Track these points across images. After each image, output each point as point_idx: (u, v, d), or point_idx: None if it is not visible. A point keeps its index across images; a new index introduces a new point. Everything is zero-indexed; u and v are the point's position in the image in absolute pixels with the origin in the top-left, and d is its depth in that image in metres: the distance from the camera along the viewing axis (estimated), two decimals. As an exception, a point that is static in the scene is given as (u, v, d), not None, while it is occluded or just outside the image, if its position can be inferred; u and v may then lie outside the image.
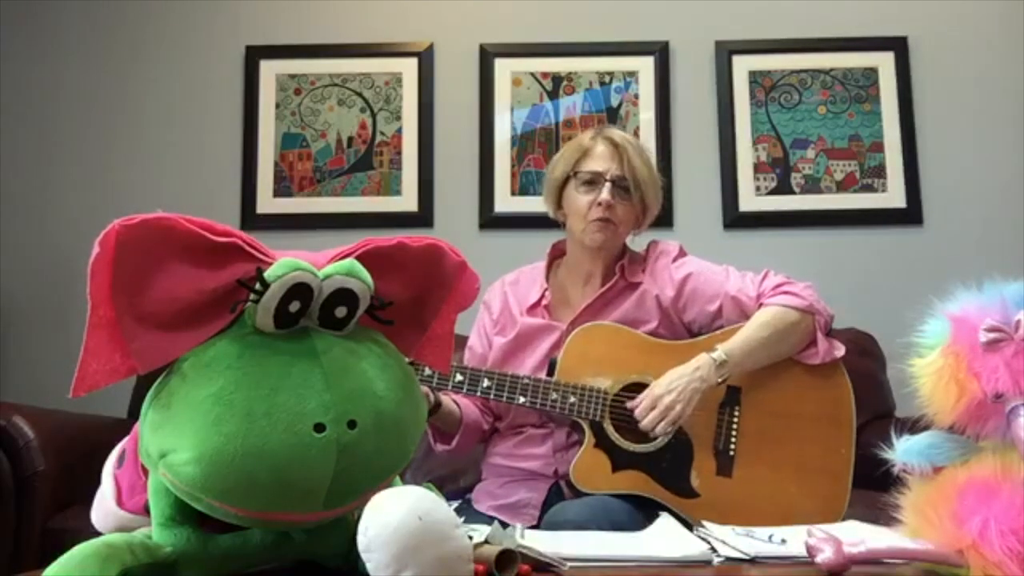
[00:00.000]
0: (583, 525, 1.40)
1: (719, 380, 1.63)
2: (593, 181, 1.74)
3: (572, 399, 1.64)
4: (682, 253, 1.82)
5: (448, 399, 1.71)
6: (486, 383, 1.65)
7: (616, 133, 1.79)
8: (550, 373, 1.68)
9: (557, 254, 1.87)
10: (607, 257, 1.79)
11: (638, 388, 1.65)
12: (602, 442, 1.64)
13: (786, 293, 1.69)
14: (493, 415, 1.80)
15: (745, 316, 1.70)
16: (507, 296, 1.84)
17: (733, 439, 1.66)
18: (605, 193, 1.71)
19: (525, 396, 1.64)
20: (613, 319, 1.73)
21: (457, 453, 1.78)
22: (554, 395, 1.64)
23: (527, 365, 1.73)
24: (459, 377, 1.65)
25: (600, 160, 1.75)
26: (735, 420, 1.67)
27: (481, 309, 1.89)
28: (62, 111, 2.83)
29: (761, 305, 1.70)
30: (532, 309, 1.79)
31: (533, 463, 1.70)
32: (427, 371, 1.61)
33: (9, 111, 2.82)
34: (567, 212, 1.79)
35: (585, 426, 1.64)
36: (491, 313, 1.85)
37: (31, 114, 2.82)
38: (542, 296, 1.80)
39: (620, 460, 1.63)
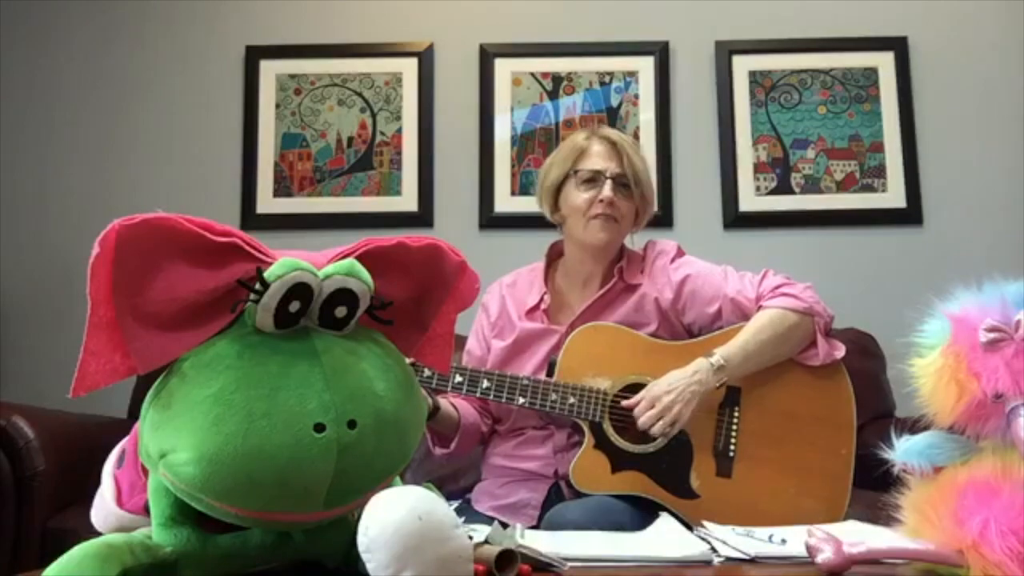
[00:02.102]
0: (583, 525, 1.40)
1: (717, 385, 1.63)
2: (593, 179, 1.73)
3: (572, 400, 1.64)
4: (680, 253, 1.82)
5: (446, 402, 1.70)
6: (485, 384, 1.65)
7: (611, 132, 1.79)
8: (549, 374, 1.67)
9: (555, 255, 1.87)
10: (607, 258, 1.79)
11: (637, 389, 1.65)
12: (602, 443, 1.63)
13: (785, 295, 1.68)
14: (492, 417, 1.80)
15: (745, 317, 1.70)
16: (505, 299, 1.83)
17: (733, 440, 1.66)
18: (607, 190, 1.71)
19: (524, 397, 1.64)
20: (612, 322, 1.72)
21: (455, 456, 1.78)
22: (553, 396, 1.64)
23: (526, 369, 1.73)
24: (458, 378, 1.65)
25: (599, 159, 1.74)
26: (735, 421, 1.67)
27: (479, 311, 1.88)
28: (62, 111, 2.83)
29: (760, 307, 1.70)
30: (531, 313, 1.79)
31: (533, 464, 1.70)
32: (427, 372, 1.61)
33: (9, 111, 2.82)
34: (565, 213, 1.77)
35: (585, 427, 1.64)
36: (489, 316, 1.85)
37: (31, 114, 2.82)
38: (541, 299, 1.79)
39: (620, 461, 1.63)
